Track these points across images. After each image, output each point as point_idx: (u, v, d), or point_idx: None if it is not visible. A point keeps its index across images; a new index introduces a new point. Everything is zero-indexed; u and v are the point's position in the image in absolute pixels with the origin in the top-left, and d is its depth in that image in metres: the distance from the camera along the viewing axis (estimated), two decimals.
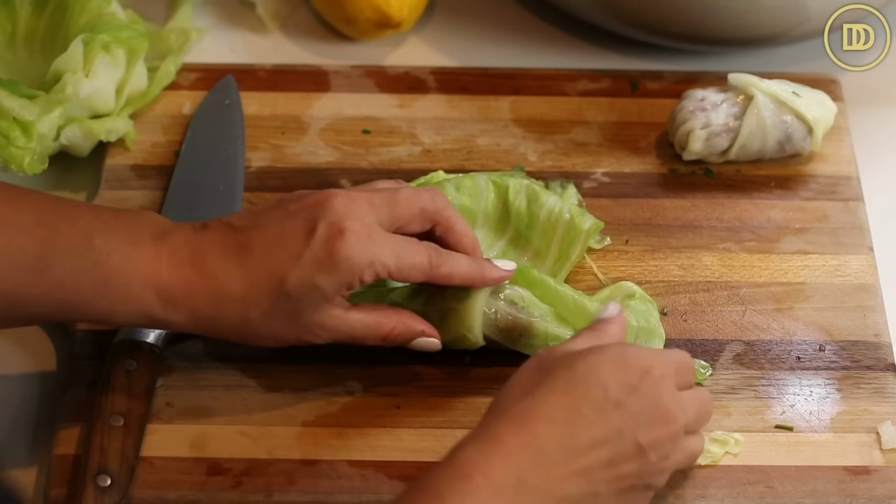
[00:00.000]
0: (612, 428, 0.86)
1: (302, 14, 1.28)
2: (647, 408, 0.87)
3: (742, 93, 1.13)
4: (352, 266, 0.91)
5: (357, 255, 0.91)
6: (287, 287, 0.91)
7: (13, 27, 1.17)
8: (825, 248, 1.09)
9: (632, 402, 0.87)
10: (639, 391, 0.87)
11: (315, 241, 0.91)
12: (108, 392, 0.97)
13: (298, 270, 0.91)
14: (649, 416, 0.87)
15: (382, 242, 0.93)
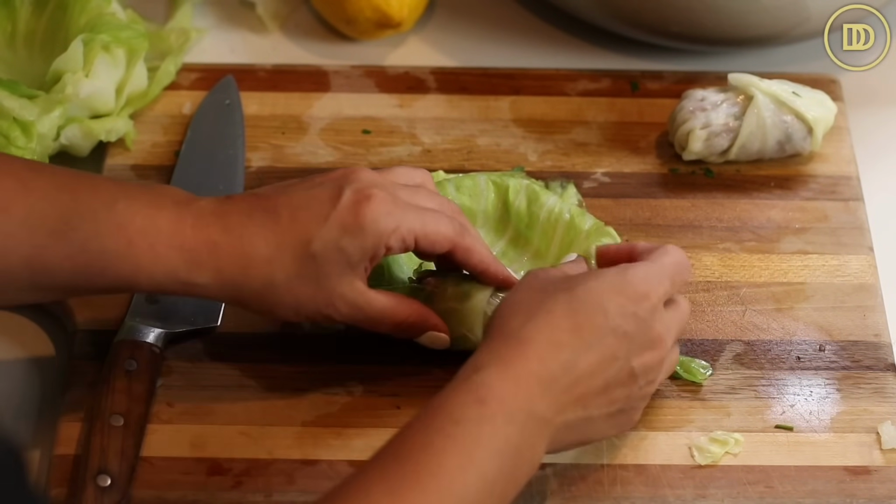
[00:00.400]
0: (610, 353, 0.89)
1: (302, 14, 1.28)
2: (642, 333, 0.90)
3: (742, 93, 1.13)
4: (378, 230, 0.92)
5: (383, 218, 0.92)
6: (313, 248, 0.91)
7: (13, 27, 1.17)
8: (825, 248, 1.09)
9: (629, 327, 0.89)
10: (636, 317, 0.89)
11: (342, 205, 0.92)
12: (108, 392, 0.97)
13: (325, 232, 0.91)
14: (642, 342, 0.90)
15: (408, 209, 0.93)
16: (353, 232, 0.92)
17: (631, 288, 0.90)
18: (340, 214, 0.92)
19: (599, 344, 0.88)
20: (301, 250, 0.92)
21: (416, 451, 0.83)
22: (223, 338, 1.03)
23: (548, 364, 0.87)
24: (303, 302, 0.93)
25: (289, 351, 1.02)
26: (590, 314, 0.88)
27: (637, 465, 0.97)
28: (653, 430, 0.98)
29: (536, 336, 0.87)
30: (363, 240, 0.92)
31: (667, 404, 1.00)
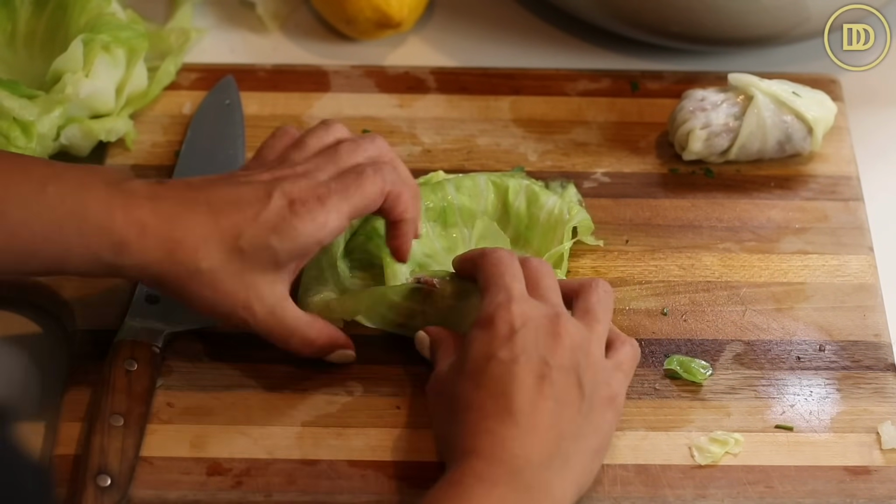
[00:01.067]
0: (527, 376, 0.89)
1: (302, 14, 1.28)
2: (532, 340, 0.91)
3: (742, 93, 1.13)
4: (308, 232, 0.94)
5: (310, 222, 0.93)
6: (241, 243, 0.93)
7: (13, 27, 1.17)
8: (825, 248, 1.09)
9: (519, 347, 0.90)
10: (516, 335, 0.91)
11: (271, 208, 0.93)
12: (108, 392, 0.97)
13: (255, 229, 0.93)
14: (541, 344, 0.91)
15: (331, 196, 0.94)
16: (283, 233, 0.93)
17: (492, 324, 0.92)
18: (270, 216, 0.93)
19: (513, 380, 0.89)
20: (230, 243, 0.93)
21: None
22: (223, 338, 1.02)
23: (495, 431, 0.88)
24: (221, 297, 0.94)
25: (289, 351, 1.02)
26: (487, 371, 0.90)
27: (637, 465, 0.97)
28: (653, 430, 0.98)
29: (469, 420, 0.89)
30: (293, 241, 0.94)
31: (667, 404, 1.00)
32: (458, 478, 0.87)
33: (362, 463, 0.96)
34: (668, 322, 1.04)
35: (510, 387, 0.89)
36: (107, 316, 1.03)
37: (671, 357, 1.02)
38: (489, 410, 0.89)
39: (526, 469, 0.87)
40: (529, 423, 0.89)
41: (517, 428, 0.88)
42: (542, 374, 0.90)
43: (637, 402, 1.00)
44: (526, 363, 0.90)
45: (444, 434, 0.92)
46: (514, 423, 0.88)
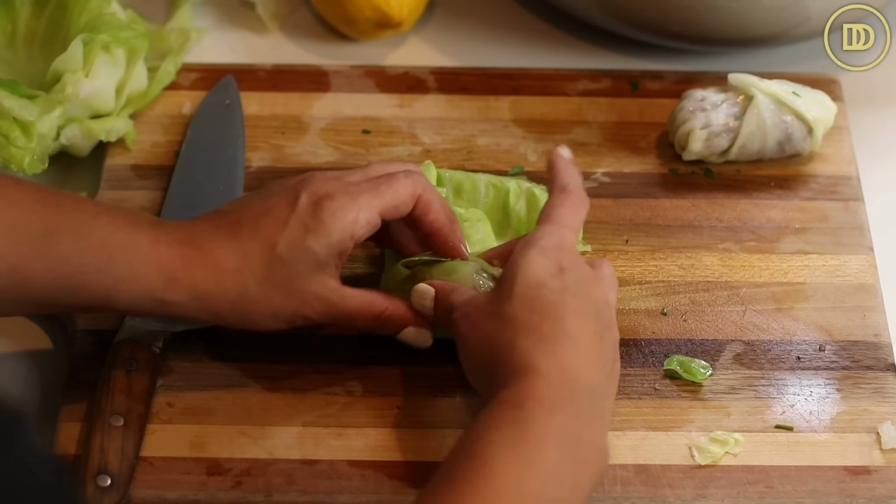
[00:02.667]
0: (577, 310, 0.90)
1: (302, 14, 1.28)
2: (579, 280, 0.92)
3: (742, 93, 1.13)
4: (341, 225, 0.94)
5: (342, 212, 0.94)
6: (279, 251, 0.93)
7: (13, 27, 1.17)
8: (825, 248, 1.09)
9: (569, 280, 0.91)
10: (564, 269, 0.92)
11: (299, 208, 0.94)
12: (108, 392, 0.97)
13: (287, 235, 0.93)
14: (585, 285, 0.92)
15: (361, 193, 0.95)
16: (316, 231, 0.93)
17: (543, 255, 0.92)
18: (300, 216, 0.94)
19: (566, 309, 0.90)
20: (267, 255, 0.93)
21: (462, 463, 0.84)
22: (223, 338, 1.02)
23: (559, 354, 0.88)
24: (278, 307, 0.94)
25: (289, 351, 1.02)
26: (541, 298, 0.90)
27: (637, 465, 0.97)
28: (653, 430, 0.98)
29: (529, 342, 0.89)
30: (328, 237, 0.94)
31: (667, 404, 1.00)
32: (518, 400, 0.86)
33: (362, 463, 0.96)
34: (668, 322, 1.04)
35: (563, 313, 0.90)
36: (107, 316, 1.03)
37: (671, 357, 1.02)
38: (545, 332, 0.89)
39: (584, 394, 0.88)
40: (583, 348, 0.89)
41: (575, 351, 0.89)
42: (587, 311, 0.91)
43: (637, 402, 1.00)
44: (573, 298, 0.91)
45: (488, 359, 0.90)
46: (573, 345, 0.89)
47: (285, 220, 0.94)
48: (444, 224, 0.99)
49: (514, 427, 0.85)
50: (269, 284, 0.94)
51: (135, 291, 0.93)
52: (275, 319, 0.95)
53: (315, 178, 0.96)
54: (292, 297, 0.94)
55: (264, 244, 0.93)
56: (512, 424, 0.85)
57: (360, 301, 0.96)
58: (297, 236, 0.93)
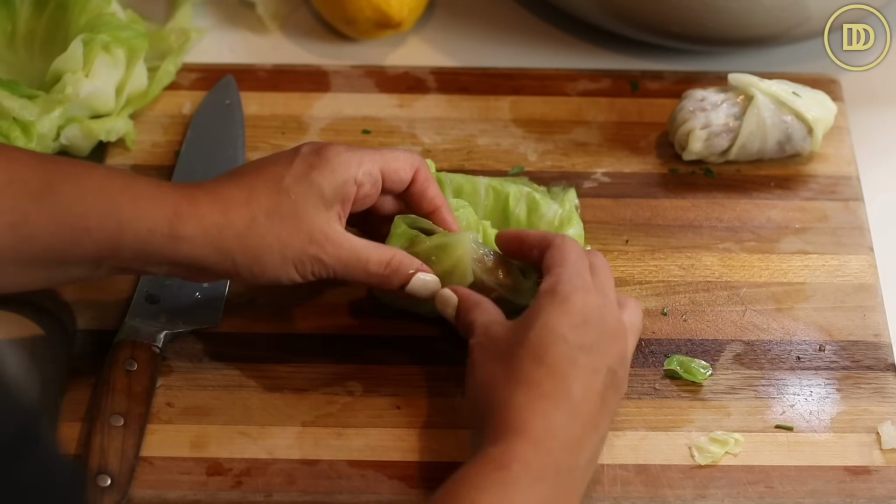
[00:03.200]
0: (588, 371, 0.89)
1: (302, 14, 1.28)
2: (600, 334, 0.91)
3: (742, 93, 1.13)
4: (344, 164, 0.95)
5: (346, 155, 0.96)
6: (285, 184, 0.94)
7: (13, 27, 1.17)
8: (825, 248, 1.09)
9: (588, 337, 0.90)
10: (588, 324, 0.91)
11: (303, 152, 0.96)
12: (108, 392, 0.97)
13: (293, 170, 0.95)
14: (605, 341, 0.91)
15: (365, 151, 0.98)
16: (321, 168, 0.95)
17: (569, 302, 0.91)
18: (304, 157, 0.96)
19: (576, 370, 0.89)
20: (274, 188, 0.94)
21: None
22: (223, 338, 1.03)
23: (551, 417, 0.87)
24: (286, 243, 0.94)
25: (289, 351, 1.02)
26: (553, 351, 0.89)
27: (637, 465, 0.97)
28: (653, 430, 0.98)
29: (527, 396, 0.88)
30: (332, 173, 0.95)
31: (667, 404, 1.00)
32: (506, 461, 0.86)
33: (362, 463, 0.96)
34: (668, 322, 1.04)
35: (571, 372, 0.89)
36: (107, 316, 1.03)
37: (671, 357, 1.02)
38: (546, 390, 0.88)
39: (572, 468, 0.87)
40: (581, 415, 0.88)
41: (572, 419, 0.88)
42: (598, 370, 0.90)
43: (637, 402, 1.00)
44: (588, 355, 0.90)
45: (487, 401, 0.90)
46: (569, 411, 0.88)
47: (290, 161, 0.95)
48: (445, 202, 1.00)
49: (497, 490, 0.84)
50: (276, 216, 0.93)
51: (140, 231, 0.91)
52: (283, 260, 0.94)
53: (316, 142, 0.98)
54: (300, 232, 0.94)
55: (270, 180, 0.94)
56: (495, 487, 0.85)
57: (369, 246, 0.96)
58: (302, 171, 0.95)
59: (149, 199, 0.92)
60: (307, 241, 0.94)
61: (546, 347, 0.89)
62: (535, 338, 0.90)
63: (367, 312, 1.04)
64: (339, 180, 0.95)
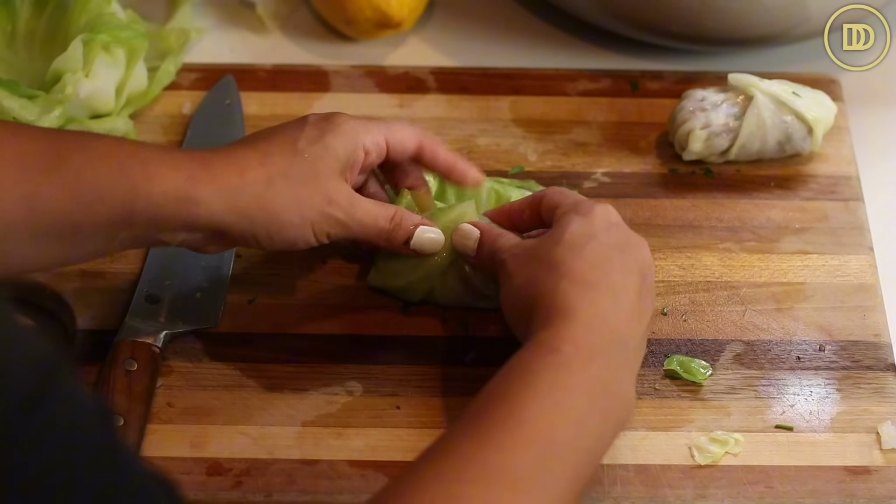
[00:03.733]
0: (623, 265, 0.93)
1: (302, 14, 1.28)
2: (624, 238, 0.94)
3: (742, 93, 1.13)
4: (352, 131, 0.98)
5: (353, 123, 0.98)
6: (299, 147, 0.96)
7: (13, 27, 1.17)
8: (825, 248, 1.09)
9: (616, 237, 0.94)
10: (611, 228, 0.94)
11: (311, 119, 0.98)
12: (108, 392, 0.97)
13: (305, 134, 0.96)
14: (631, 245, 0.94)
15: (370, 120, 1.00)
16: (332, 132, 0.97)
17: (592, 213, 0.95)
18: (314, 123, 0.97)
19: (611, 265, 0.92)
20: (289, 151, 0.95)
21: (497, 404, 0.84)
22: (223, 338, 1.03)
23: (599, 304, 0.90)
24: (304, 201, 0.95)
25: (289, 351, 1.02)
26: (590, 248, 0.92)
27: (637, 465, 0.97)
28: (653, 430, 0.98)
29: (573, 287, 0.90)
30: (344, 140, 0.97)
31: (667, 404, 1.00)
32: (556, 343, 0.87)
33: (362, 463, 0.96)
34: (668, 322, 1.04)
35: (609, 265, 0.92)
36: (107, 316, 1.03)
37: (671, 357, 1.02)
38: (590, 279, 0.91)
39: (619, 346, 0.89)
40: (624, 305, 0.91)
41: (616, 303, 0.90)
42: (630, 269, 0.92)
43: (637, 402, 0.99)
44: (620, 254, 0.93)
45: (531, 298, 0.92)
46: (614, 297, 0.90)
47: (300, 128, 0.97)
48: (457, 158, 1.03)
49: (550, 372, 0.86)
50: (292, 177, 0.95)
51: (154, 195, 0.91)
52: (302, 220, 0.95)
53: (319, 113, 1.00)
54: (317, 193, 0.95)
55: (284, 143, 0.96)
56: (549, 369, 0.86)
57: (374, 205, 0.98)
58: (315, 135, 0.96)
59: (161, 164, 0.92)
60: (325, 202, 0.96)
61: (583, 244, 0.92)
62: (570, 237, 0.93)
63: (367, 312, 1.04)
64: (350, 145, 0.97)
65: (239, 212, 0.93)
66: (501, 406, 0.84)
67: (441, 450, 0.82)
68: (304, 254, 1.07)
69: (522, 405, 0.84)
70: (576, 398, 0.85)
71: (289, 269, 1.07)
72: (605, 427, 0.87)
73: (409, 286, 1.02)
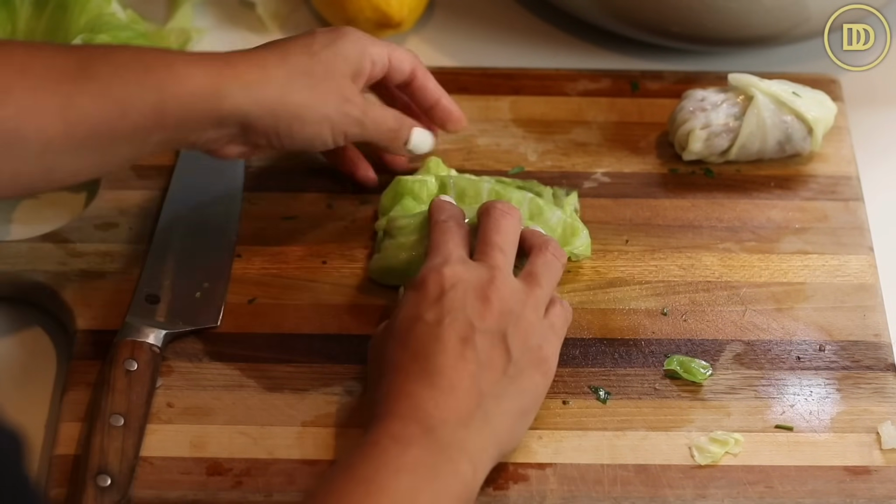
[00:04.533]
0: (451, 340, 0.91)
1: (302, 14, 1.28)
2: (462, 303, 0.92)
3: (742, 93, 1.13)
4: (359, 41, 1.02)
5: (360, 34, 1.03)
6: (315, 49, 1.00)
7: (13, 27, 1.17)
8: (825, 248, 1.09)
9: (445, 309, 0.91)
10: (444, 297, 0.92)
11: (321, 31, 1.02)
12: (108, 392, 0.97)
13: (319, 39, 1.01)
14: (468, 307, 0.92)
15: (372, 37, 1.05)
16: (343, 39, 1.02)
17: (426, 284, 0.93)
18: (325, 32, 1.02)
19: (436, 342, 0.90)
20: (307, 52, 1.00)
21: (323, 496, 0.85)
22: (223, 338, 1.03)
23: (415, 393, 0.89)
24: (324, 98, 1.00)
25: (289, 351, 1.02)
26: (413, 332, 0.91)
27: (637, 465, 0.97)
28: (653, 430, 0.98)
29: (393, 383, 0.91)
30: (353, 45, 1.02)
31: (667, 404, 1.00)
32: (375, 439, 0.88)
33: None
34: (668, 322, 1.04)
35: (432, 348, 0.91)
36: (107, 316, 1.03)
37: (671, 357, 1.02)
38: (411, 372, 0.90)
39: (441, 428, 0.88)
40: (449, 384, 0.90)
41: (435, 389, 0.89)
42: (466, 336, 0.91)
43: (637, 402, 1.00)
44: (450, 325, 0.91)
45: (370, 398, 0.93)
46: (431, 384, 0.89)
47: (313, 34, 1.02)
48: (443, 94, 1.08)
49: (372, 461, 0.86)
50: (311, 76, 0.99)
51: (181, 94, 0.95)
52: (322, 117, 1.00)
53: None
54: (335, 91, 1.00)
55: (301, 45, 1.00)
56: (370, 461, 0.86)
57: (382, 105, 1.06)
58: (328, 40, 1.01)
59: (186, 64, 0.96)
60: (342, 100, 1.00)
61: (407, 332, 0.92)
62: (399, 325, 0.93)
63: (368, 312, 1.04)
64: (360, 51, 1.02)
65: (263, 106, 0.97)
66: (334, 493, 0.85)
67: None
68: (305, 254, 1.07)
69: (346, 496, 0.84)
70: (398, 477, 0.85)
71: (289, 270, 1.07)
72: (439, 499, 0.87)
73: (413, 261, 1.02)
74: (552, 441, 0.97)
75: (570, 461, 0.96)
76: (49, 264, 1.06)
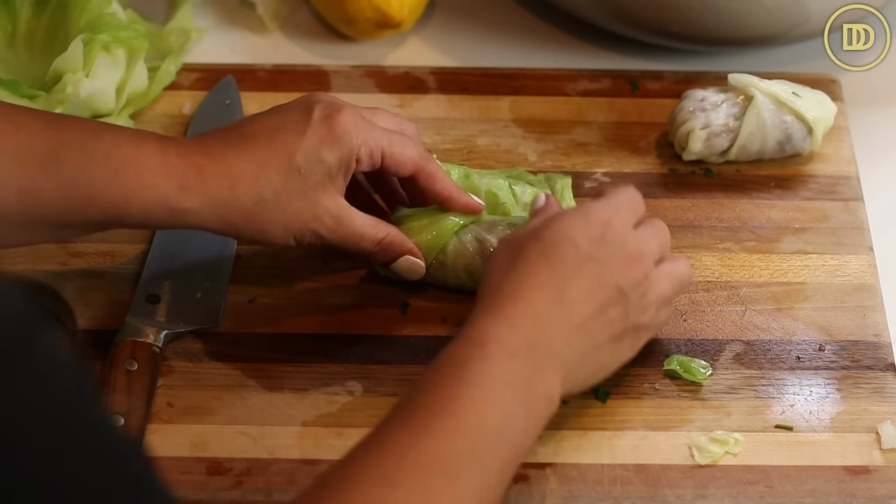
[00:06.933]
0: (592, 279, 0.92)
1: (302, 14, 1.28)
2: (616, 253, 0.93)
3: (742, 93, 1.13)
4: (350, 141, 0.97)
5: (353, 129, 0.98)
6: (296, 161, 0.96)
7: (13, 27, 1.17)
8: (825, 248, 1.09)
9: (601, 251, 0.92)
10: (604, 240, 0.93)
11: (314, 120, 0.97)
12: (108, 392, 0.97)
13: (304, 145, 0.96)
14: (620, 260, 0.93)
15: (374, 126, 1.00)
16: (330, 143, 0.97)
17: (593, 217, 0.93)
18: (315, 128, 0.97)
19: (579, 273, 0.91)
20: (285, 164, 0.96)
21: (429, 395, 0.85)
22: (223, 338, 1.03)
23: (536, 304, 0.90)
24: (291, 217, 0.97)
25: (289, 351, 1.02)
26: (562, 251, 0.91)
27: (637, 465, 0.97)
28: (653, 430, 0.98)
29: (520, 284, 0.90)
30: (340, 150, 0.97)
31: (667, 404, 1.00)
32: (482, 340, 0.88)
33: None
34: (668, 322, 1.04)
35: (572, 275, 0.91)
36: (107, 316, 1.03)
37: (671, 357, 1.02)
38: (540, 281, 0.90)
39: (544, 349, 0.89)
40: (573, 315, 0.90)
41: (560, 313, 0.90)
42: (604, 282, 0.92)
43: (637, 402, 1.00)
44: (596, 266, 0.92)
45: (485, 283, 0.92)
46: (559, 306, 0.90)
47: (302, 132, 0.97)
48: (455, 189, 1.02)
49: (477, 364, 0.86)
50: (284, 193, 0.96)
51: (146, 202, 0.94)
52: (285, 232, 0.97)
53: (326, 96, 1.00)
54: (305, 209, 0.97)
55: (282, 154, 0.96)
56: (476, 362, 0.87)
57: (366, 222, 1.00)
58: (313, 147, 0.96)
59: (155, 172, 0.94)
60: (311, 219, 0.97)
61: (555, 247, 0.92)
62: (548, 236, 0.92)
63: (368, 312, 1.04)
64: (345, 155, 0.97)
65: (225, 223, 0.96)
66: (433, 396, 0.85)
67: (376, 441, 0.83)
68: (305, 254, 1.07)
69: (453, 395, 0.85)
70: (502, 389, 0.86)
71: (289, 270, 1.07)
72: (529, 423, 0.87)
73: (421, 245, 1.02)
74: (552, 441, 0.97)
75: (570, 461, 0.96)
76: (49, 264, 1.06)
